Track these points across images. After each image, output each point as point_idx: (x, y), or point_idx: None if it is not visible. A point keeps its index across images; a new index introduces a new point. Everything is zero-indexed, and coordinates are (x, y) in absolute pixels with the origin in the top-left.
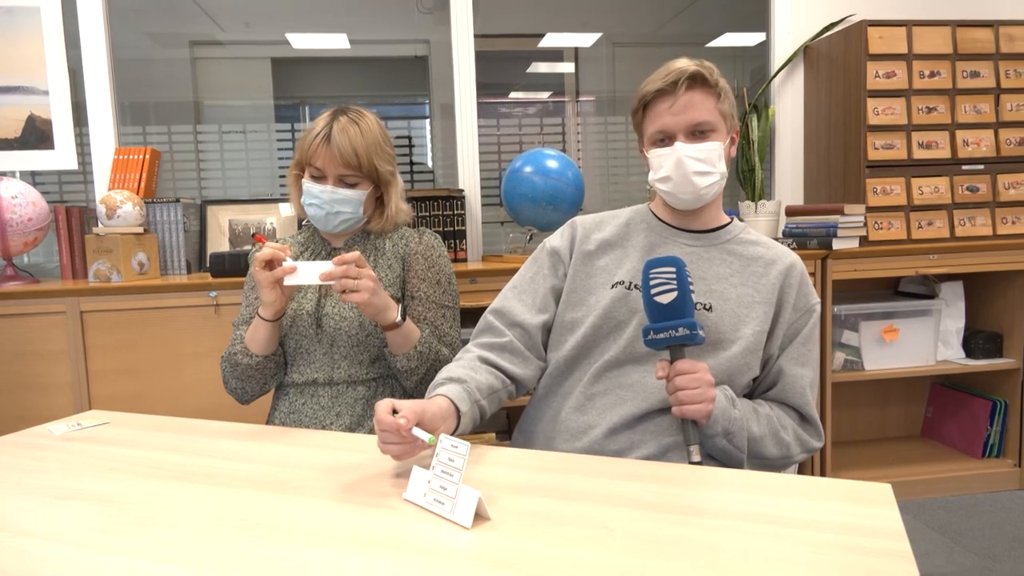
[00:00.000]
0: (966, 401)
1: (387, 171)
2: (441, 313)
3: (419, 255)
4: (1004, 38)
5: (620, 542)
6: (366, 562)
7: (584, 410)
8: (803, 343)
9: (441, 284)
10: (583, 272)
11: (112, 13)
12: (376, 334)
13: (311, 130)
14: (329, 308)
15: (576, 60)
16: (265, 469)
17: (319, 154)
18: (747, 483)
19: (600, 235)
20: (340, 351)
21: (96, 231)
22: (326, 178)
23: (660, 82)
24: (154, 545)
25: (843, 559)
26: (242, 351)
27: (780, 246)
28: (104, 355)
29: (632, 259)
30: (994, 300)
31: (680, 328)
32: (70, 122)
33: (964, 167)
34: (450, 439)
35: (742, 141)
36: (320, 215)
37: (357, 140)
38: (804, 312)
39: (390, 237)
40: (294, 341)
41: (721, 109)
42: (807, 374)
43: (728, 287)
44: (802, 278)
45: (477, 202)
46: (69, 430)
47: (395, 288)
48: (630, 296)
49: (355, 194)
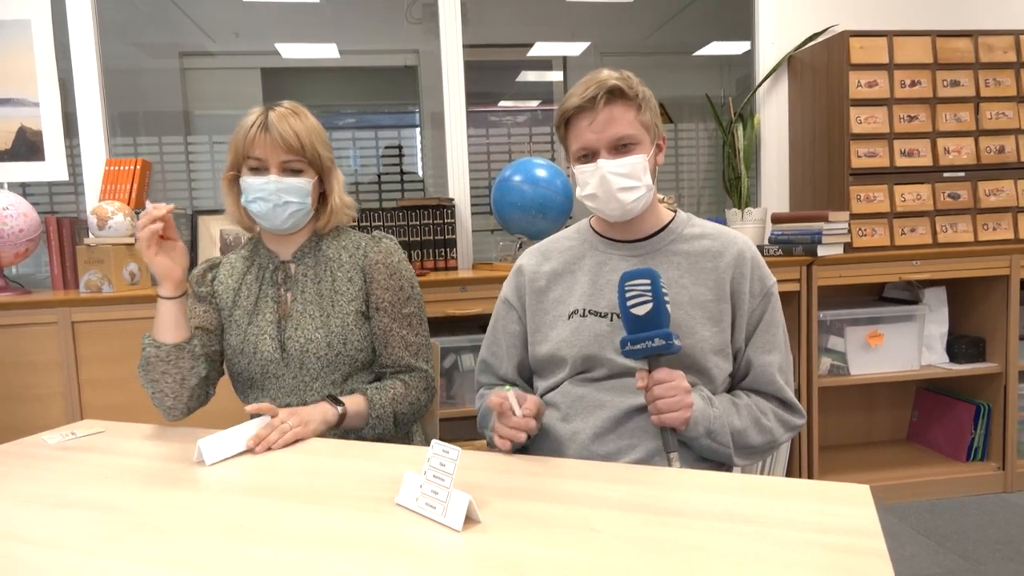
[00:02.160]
0: (951, 405)
1: (328, 159)
2: (407, 322)
3: (380, 264)
4: (983, 47)
5: (605, 543)
6: (362, 565)
7: (568, 418)
8: (766, 329)
9: (404, 290)
10: (539, 309)
11: (102, 25)
12: (345, 352)
13: (243, 125)
14: (291, 331)
15: (564, 69)
16: (260, 476)
17: (258, 143)
18: (728, 485)
19: (548, 267)
20: (310, 373)
21: (87, 242)
22: (267, 169)
23: (579, 98)
24: (152, 551)
25: (819, 557)
26: (150, 343)
27: (727, 232)
28: (96, 365)
29: (582, 284)
30: (976, 305)
31: (656, 339)
32: (61, 133)
33: (945, 174)
34: (441, 444)
35: (728, 150)
36: (266, 209)
37: (297, 126)
38: (762, 297)
39: (344, 247)
40: (260, 367)
41: (643, 120)
42: (774, 360)
43: (679, 290)
44: (754, 262)
45: (467, 211)
46: (63, 439)
47: (358, 301)
48: (585, 323)
49: (301, 182)
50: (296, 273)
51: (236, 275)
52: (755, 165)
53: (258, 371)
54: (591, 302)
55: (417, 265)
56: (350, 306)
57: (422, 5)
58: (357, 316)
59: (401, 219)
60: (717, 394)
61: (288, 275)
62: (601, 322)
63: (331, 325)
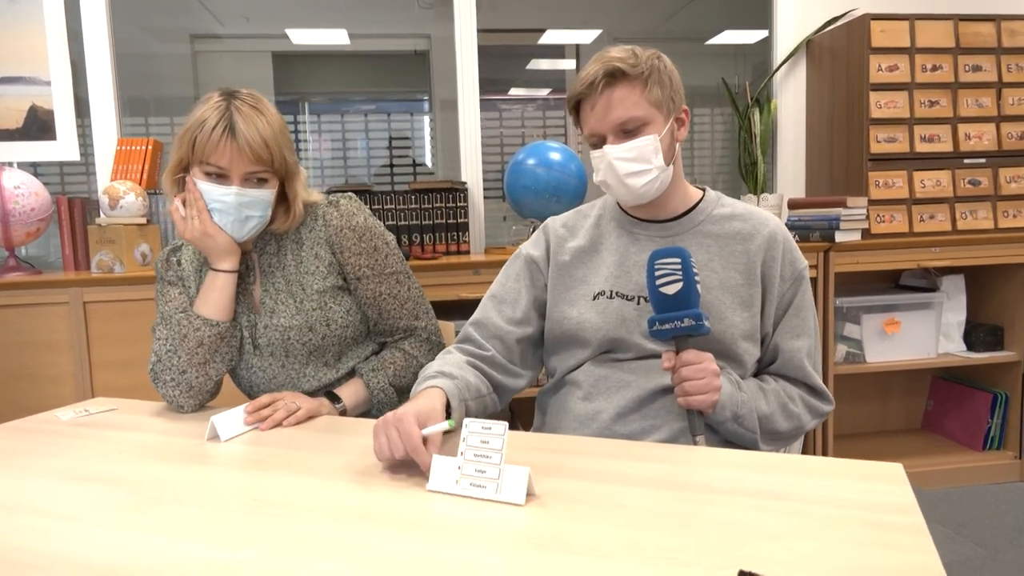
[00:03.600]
0: (967, 394)
1: (293, 162)
2: (395, 280)
3: (345, 230)
4: (1006, 32)
5: (635, 518)
6: (375, 536)
7: (590, 397)
8: (795, 314)
9: (380, 250)
10: (562, 284)
11: (114, 6)
12: (331, 333)
13: (201, 122)
14: (267, 319)
15: (577, 57)
16: (275, 452)
17: (222, 151)
18: (757, 462)
19: (573, 243)
20: (299, 360)
21: (98, 222)
22: (228, 178)
23: (579, 84)
24: (169, 523)
25: (858, 533)
26: (203, 324)
27: (758, 212)
28: (107, 346)
29: (608, 265)
30: (995, 293)
31: (685, 319)
32: (72, 113)
33: (966, 160)
34: (479, 422)
35: (744, 135)
36: (226, 223)
37: (266, 131)
38: (793, 281)
39: (303, 223)
40: (244, 362)
41: (651, 98)
42: (803, 345)
43: (709, 274)
44: (785, 245)
45: (480, 194)
46: (76, 416)
47: (334, 277)
48: (611, 305)
49: (265, 194)
50: (260, 262)
51: (198, 261)
52: (771, 150)
53: (241, 366)
54: (618, 284)
55: (429, 249)
56: (324, 283)
57: None
58: (334, 292)
59: (413, 202)
60: (747, 378)
61: (250, 266)
62: (628, 305)
63: (307, 309)
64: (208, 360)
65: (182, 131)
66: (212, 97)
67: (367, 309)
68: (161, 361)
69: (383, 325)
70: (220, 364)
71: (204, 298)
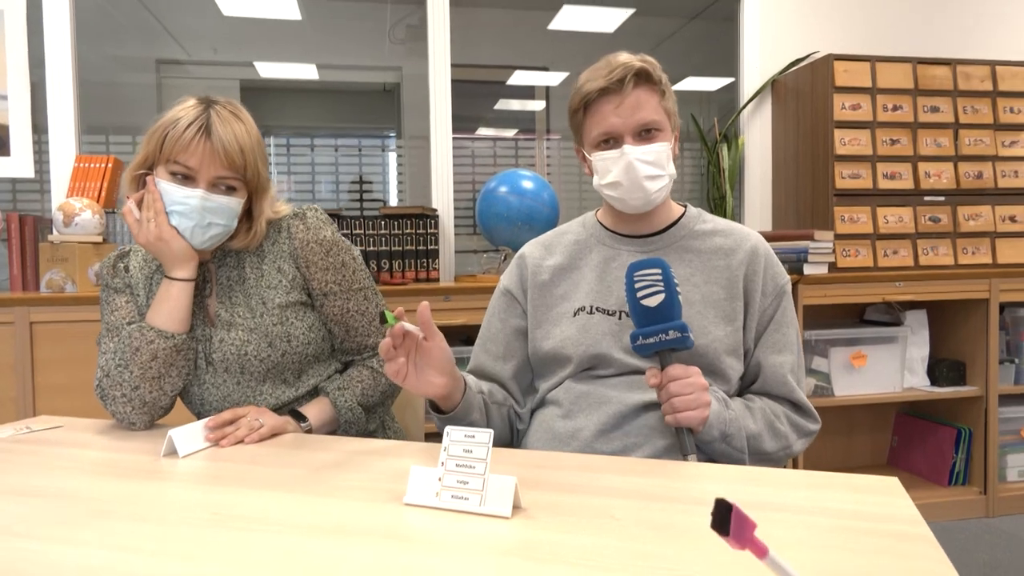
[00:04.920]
0: (931, 429)
1: (265, 177)
2: (363, 296)
3: (312, 244)
4: (961, 76)
5: (628, 529)
6: (348, 550)
7: (570, 415)
8: (776, 328)
9: (348, 265)
10: (543, 305)
11: (79, 30)
12: (292, 350)
13: (175, 120)
14: (224, 333)
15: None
16: (234, 468)
17: (193, 150)
18: (750, 476)
19: (552, 261)
20: (255, 378)
21: (51, 239)
22: (194, 180)
23: (604, 80)
24: (115, 537)
25: (865, 543)
26: (157, 336)
27: (739, 228)
28: (53, 369)
29: (588, 280)
30: (957, 329)
31: (670, 331)
32: (28, 129)
33: (926, 198)
34: (461, 429)
35: (713, 169)
36: (186, 227)
37: (243, 137)
38: (775, 295)
39: (266, 236)
40: (196, 378)
41: (666, 107)
42: (787, 360)
43: (691, 289)
44: (767, 259)
45: (450, 222)
46: (16, 433)
47: (297, 292)
48: (592, 320)
49: (232, 202)
50: (218, 274)
51: (148, 272)
52: (738, 185)
53: (194, 383)
54: (599, 299)
55: (399, 275)
56: (287, 297)
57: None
58: (296, 308)
59: (383, 227)
60: (731, 395)
61: (207, 278)
62: (609, 320)
63: (266, 324)
64: (163, 374)
65: (152, 128)
66: (188, 100)
67: (333, 326)
68: (110, 376)
69: (350, 343)
70: (176, 378)
71: (157, 308)
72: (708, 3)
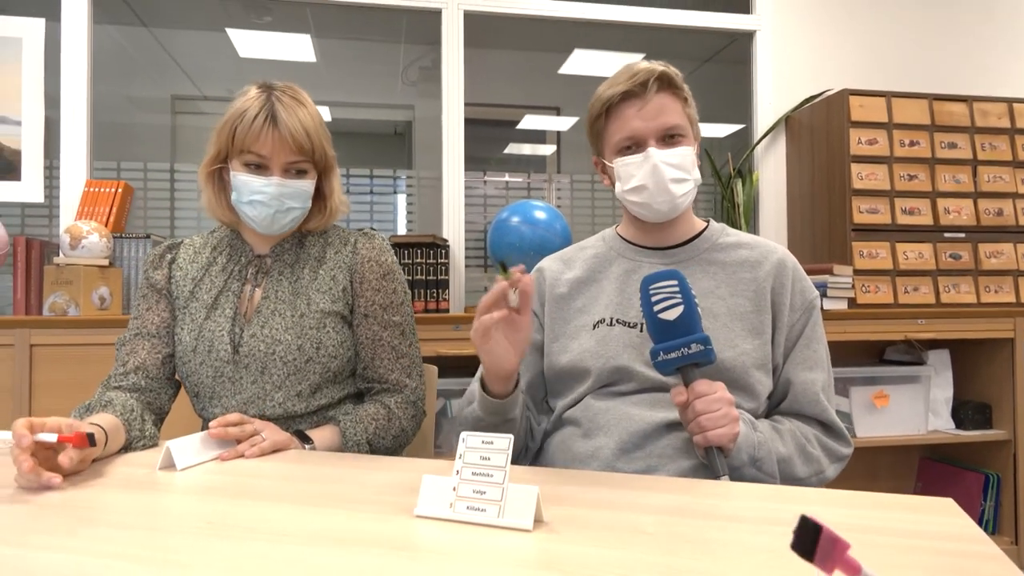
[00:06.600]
0: (957, 475)
1: (332, 156)
2: (399, 331)
3: (372, 262)
4: (978, 113)
5: (662, 544)
6: (355, 560)
7: (590, 434)
8: (807, 344)
9: (398, 294)
10: (560, 318)
11: (96, 68)
12: (317, 358)
13: (242, 112)
14: (256, 329)
15: (558, 142)
16: (237, 479)
17: (263, 139)
18: (790, 496)
19: (570, 275)
20: (272, 380)
21: (56, 261)
22: (267, 168)
23: (626, 84)
24: (100, 544)
25: (932, 561)
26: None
27: (765, 241)
28: (51, 393)
29: (608, 293)
30: (981, 369)
31: (693, 344)
32: (40, 154)
33: (946, 234)
34: (478, 435)
35: (727, 204)
36: (266, 215)
37: (307, 121)
38: (804, 310)
39: (330, 243)
40: (212, 370)
41: (689, 114)
42: (818, 378)
43: (716, 301)
44: (795, 273)
45: (461, 253)
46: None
47: (340, 303)
48: (612, 332)
49: (305, 184)
50: (272, 268)
51: (200, 263)
52: (754, 220)
53: (209, 374)
54: (619, 311)
55: None
56: (331, 307)
57: (418, 68)
58: (336, 319)
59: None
60: (759, 414)
61: (262, 269)
62: (630, 332)
63: (304, 326)
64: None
65: (220, 123)
66: (250, 90)
67: (362, 350)
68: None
69: (372, 372)
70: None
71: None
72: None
